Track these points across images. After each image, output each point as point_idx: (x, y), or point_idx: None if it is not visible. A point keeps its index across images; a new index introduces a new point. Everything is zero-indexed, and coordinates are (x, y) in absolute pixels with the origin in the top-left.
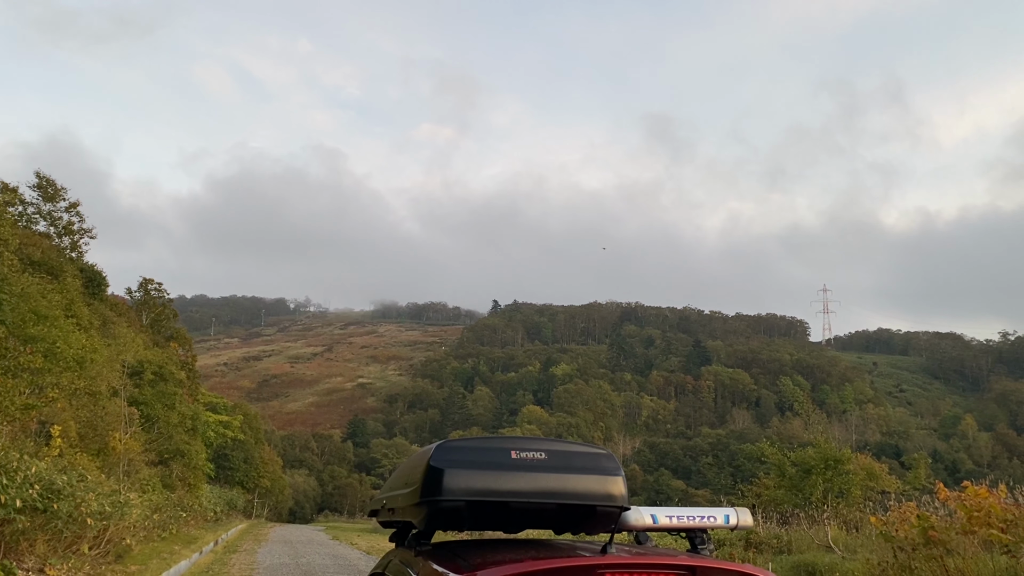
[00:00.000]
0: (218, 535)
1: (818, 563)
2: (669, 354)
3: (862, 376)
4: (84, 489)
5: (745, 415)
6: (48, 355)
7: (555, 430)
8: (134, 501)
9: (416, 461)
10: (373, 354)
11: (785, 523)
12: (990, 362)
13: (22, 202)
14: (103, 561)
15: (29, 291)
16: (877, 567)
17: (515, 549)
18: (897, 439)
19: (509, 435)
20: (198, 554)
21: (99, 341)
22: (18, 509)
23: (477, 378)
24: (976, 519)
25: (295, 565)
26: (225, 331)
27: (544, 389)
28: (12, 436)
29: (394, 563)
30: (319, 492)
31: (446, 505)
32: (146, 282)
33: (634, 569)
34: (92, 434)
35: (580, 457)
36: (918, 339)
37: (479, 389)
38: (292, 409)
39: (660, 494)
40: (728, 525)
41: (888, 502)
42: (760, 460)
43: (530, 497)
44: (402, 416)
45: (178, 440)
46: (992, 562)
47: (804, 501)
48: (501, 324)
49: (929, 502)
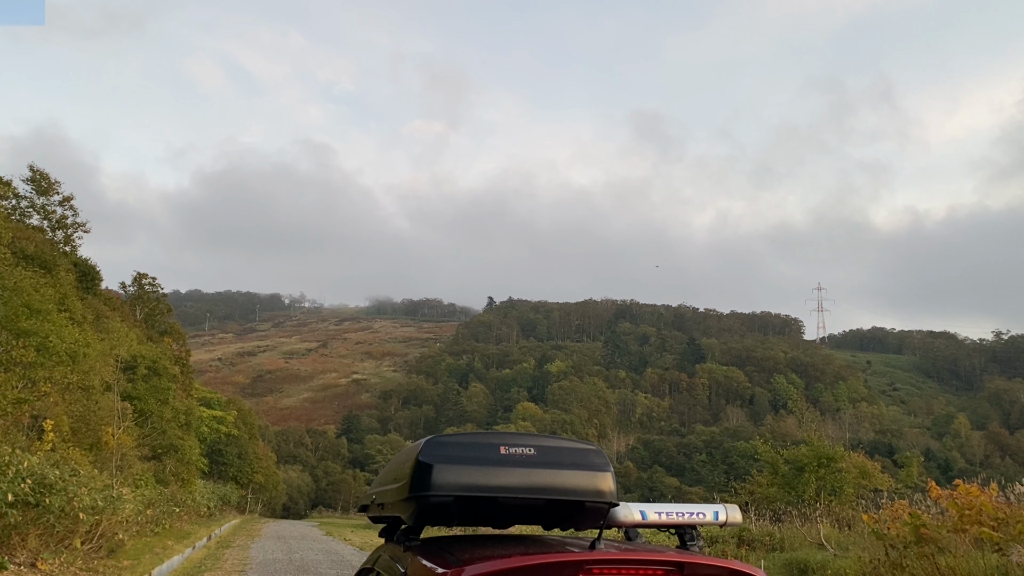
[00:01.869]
0: (211, 530)
1: (810, 560)
2: (664, 352)
3: (856, 374)
4: (76, 484)
5: (739, 413)
6: (41, 349)
7: (549, 427)
8: (127, 496)
9: (405, 456)
10: (368, 350)
11: (778, 520)
12: (983, 361)
13: (15, 196)
14: (95, 556)
15: (22, 285)
16: (869, 565)
17: (504, 545)
18: (890, 437)
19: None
20: (191, 549)
21: (92, 335)
22: (10, 503)
23: (472, 375)
24: (968, 517)
25: (288, 560)
26: (219, 326)
27: (539, 386)
28: (4, 430)
29: (383, 558)
30: (313, 488)
31: (435, 500)
32: (140, 276)
33: (622, 565)
34: (85, 429)
35: (569, 453)
36: (912, 338)
37: (474, 386)
38: (286, 405)
39: (654, 491)
40: (717, 521)
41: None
42: (754, 458)
43: (519, 493)
44: (396, 412)
45: (172, 435)
46: (983, 560)
47: (797, 499)
48: (496, 321)
49: (921, 500)
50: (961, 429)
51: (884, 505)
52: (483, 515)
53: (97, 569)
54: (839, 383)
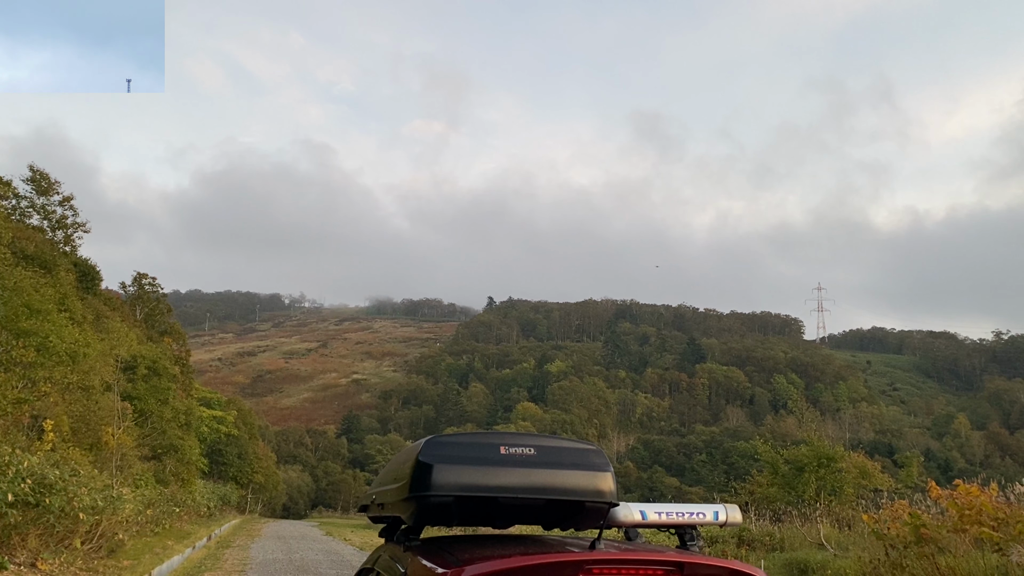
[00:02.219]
0: (211, 530)
1: (810, 560)
2: (664, 352)
3: (856, 374)
4: (76, 484)
5: (739, 413)
6: (41, 349)
7: (550, 427)
8: (127, 496)
9: (405, 456)
10: (368, 350)
11: (778, 520)
12: (983, 361)
13: (15, 195)
14: (95, 556)
15: (22, 285)
16: (869, 565)
17: (504, 545)
18: (890, 437)
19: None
20: (191, 549)
21: (92, 335)
22: (10, 503)
23: (472, 375)
24: (968, 517)
25: (288, 560)
26: (219, 326)
27: (539, 386)
28: (4, 430)
29: (383, 558)
30: (313, 488)
31: (435, 500)
32: (140, 276)
33: (622, 565)
34: (85, 429)
35: (569, 453)
36: (912, 338)
37: (474, 386)
38: (286, 405)
39: (654, 491)
40: (717, 521)
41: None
42: (754, 458)
43: (519, 493)
44: (396, 412)
45: (172, 435)
46: (983, 560)
47: (797, 499)
48: (496, 321)
49: (921, 500)
50: (961, 429)
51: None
52: (483, 515)
53: (97, 569)
54: (839, 383)
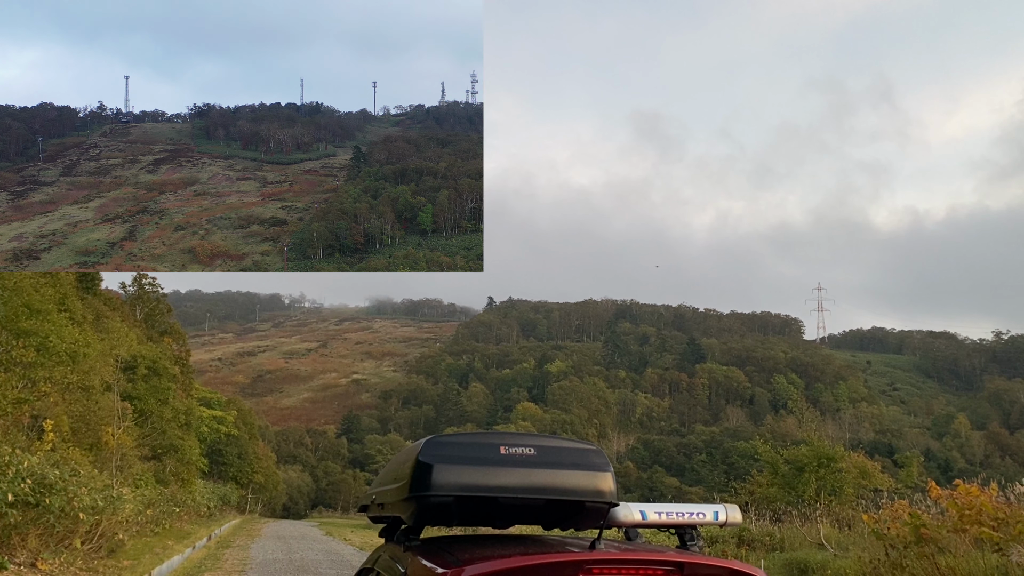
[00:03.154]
0: (211, 530)
1: (810, 560)
2: (664, 352)
3: (856, 374)
4: (76, 484)
5: (739, 413)
6: (41, 349)
7: (549, 427)
8: (127, 496)
9: (405, 456)
10: (368, 350)
11: (778, 521)
12: (983, 361)
13: None
14: (95, 556)
15: (22, 285)
16: (869, 565)
17: (504, 545)
18: (890, 437)
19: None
20: (191, 549)
21: (92, 335)
22: (10, 503)
23: (472, 375)
24: (967, 517)
25: (288, 560)
26: (219, 326)
27: (539, 386)
28: (4, 430)
29: (383, 558)
30: (313, 488)
31: (435, 500)
32: (140, 276)
33: (622, 565)
34: (85, 429)
35: (569, 453)
36: (912, 338)
37: (474, 386)
38: (286, 405)
39: (654, 491)
40: (717, 521)
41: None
42: (754, 458)
43: (519, 493)
44: (396, 412)
45: (171, 435)
46: (983, 560)
47: (797, 499)
48: (496, 321)
49: (921, 500)
50: (961, 429)
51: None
52: (483, 515)
53: (97, 569)
54: (839, 383)
